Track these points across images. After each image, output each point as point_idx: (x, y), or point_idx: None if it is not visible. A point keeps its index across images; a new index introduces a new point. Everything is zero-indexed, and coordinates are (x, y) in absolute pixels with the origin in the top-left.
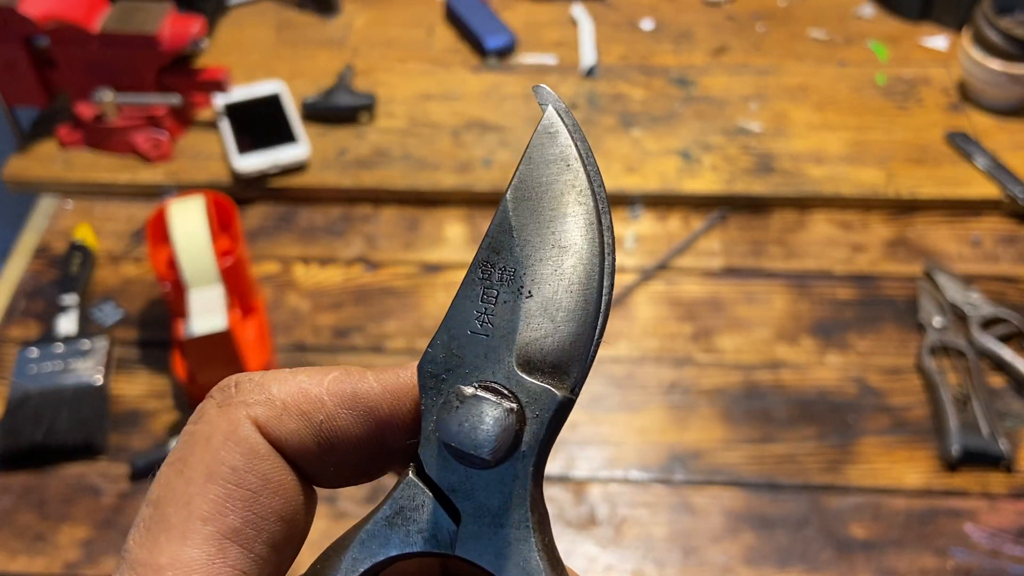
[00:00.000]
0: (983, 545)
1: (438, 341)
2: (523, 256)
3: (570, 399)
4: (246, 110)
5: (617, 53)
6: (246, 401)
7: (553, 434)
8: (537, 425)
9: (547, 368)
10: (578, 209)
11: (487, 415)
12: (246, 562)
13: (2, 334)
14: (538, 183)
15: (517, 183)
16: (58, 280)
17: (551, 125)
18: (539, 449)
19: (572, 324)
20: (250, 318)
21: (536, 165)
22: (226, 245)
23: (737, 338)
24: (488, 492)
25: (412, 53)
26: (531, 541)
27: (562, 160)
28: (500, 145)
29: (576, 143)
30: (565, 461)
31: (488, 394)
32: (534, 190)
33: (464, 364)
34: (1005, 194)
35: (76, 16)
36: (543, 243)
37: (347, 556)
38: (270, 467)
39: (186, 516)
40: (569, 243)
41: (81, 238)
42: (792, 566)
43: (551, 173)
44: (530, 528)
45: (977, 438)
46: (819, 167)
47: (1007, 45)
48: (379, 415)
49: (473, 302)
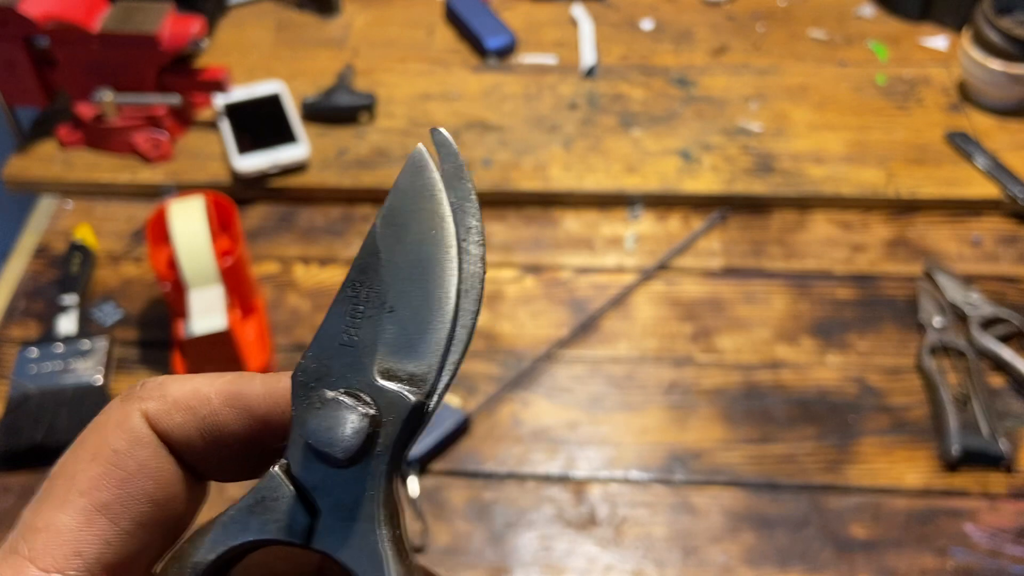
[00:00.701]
0: (983, 545)
1: (310, 353)
2: (387, 276)
3: (423, 403)
4: (246, 110)
5: (617, 53)
6: (142, 396)
7: (407, 437)
8: (392, 428)
9: (405, 376)
10: (439, 234)
11: (343, 418)
12: (111, 534)
13: (2, 334)
14: (404, 210)
15: (386, 211)
16: (58, 280)
17: (420, 159)
18: (393, 450)
19: (428, 337)
20: (250, 318)
21: (403, 194)
22: (226, 245)
23: (737, 338)
24: (344, 489)
25: (412, 53)
26: (380, 534)
27: (426, 190)
28: (500, 145)
29: (446, 176)
30: (565, 461)
31: (347, 399)
32: (400, 216)
33: (331, 373)
34: (1005, 194)
35: (76, 16)
36: (405, 264)
37: (208, 538)
38: (150, 454)
39: (67, 488)
40: (428, 264)
41: (81, 238)
42: (792, 566)
43: (416, 202)
44: (380, 523)
45: (977, 438)
46: (819, 167)
47: (1007, 45)
48: (258, 414)
49: (342, 318)
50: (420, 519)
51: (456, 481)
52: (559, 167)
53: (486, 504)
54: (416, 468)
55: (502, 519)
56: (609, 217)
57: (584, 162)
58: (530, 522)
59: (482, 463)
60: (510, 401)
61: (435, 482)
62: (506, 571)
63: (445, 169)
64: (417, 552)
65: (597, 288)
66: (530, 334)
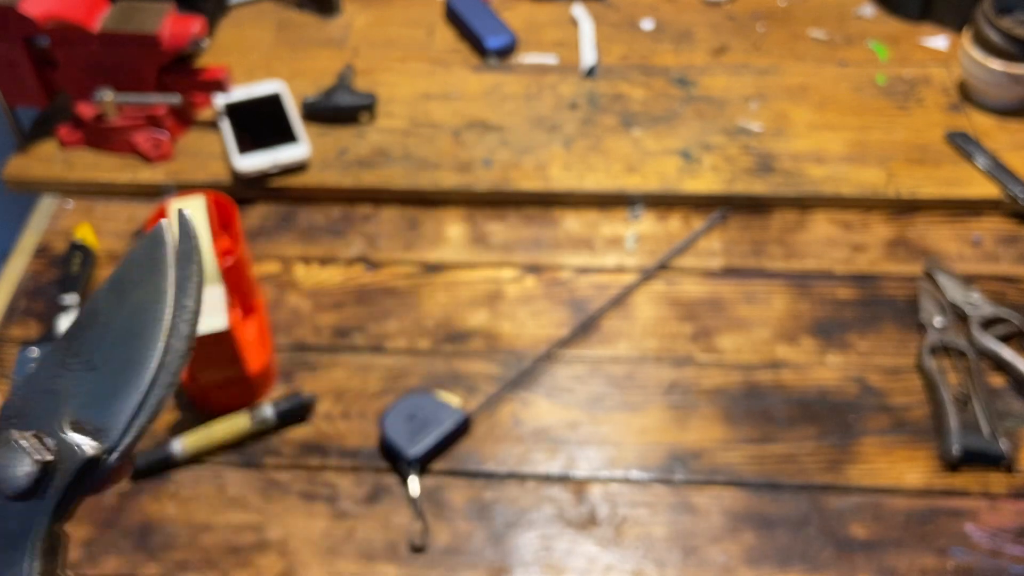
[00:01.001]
0: (983, 545)
1: (17, 392)
2: (100, 336)
3: (98, 458)
4: (246, 110)
5: (617, 53)
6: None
7: (80, 483)
8: (65, 475)
9: (91, 430)
10: (155, 309)
11: (18, 459)
12: None
13: (2, 334)
14: (131, 280)
15: (115, 276)
16: (59, 279)
17: (159, 235)
18: (64, 493)
19: (121, 399)
20: (251, 318)
21: (134, 264)
22: (226, 245)
23: (737, 338)
24: (13, 519)
25: (412, 53)
26: (31, 564)
27: (156, 265)
28: (501, 145)
29: (179, 256)
30: (565, 461)
31: (28, 442)
32: (126, 284)
33: (29, 414)
34: (1005, 194)
35: (76, 16)
36: (119, 329)
37: None
38: None
39: None
40: (138, 334)
41: (81, 237)
42: (792, 566)
43: (144, 274)
44: (35, 555)
45: (977, 438)
46: (819, 167)
47: (1007, 45)
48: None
49: (53, 366)
50: (420, 519)
51: (456, 481)
52: (559, 167)
53: (486, 504)
54: (416, 468)
55: (502, 519)
56: (609, 217)
57: (584, 162)
58: (530, 522)
59: (482, 463)
60: (510, 401)
61: (435, 482)
62: (506, 571)
63: (181, 249)
64: (418, 552)
65: (597, 288)
66: (530, 334)
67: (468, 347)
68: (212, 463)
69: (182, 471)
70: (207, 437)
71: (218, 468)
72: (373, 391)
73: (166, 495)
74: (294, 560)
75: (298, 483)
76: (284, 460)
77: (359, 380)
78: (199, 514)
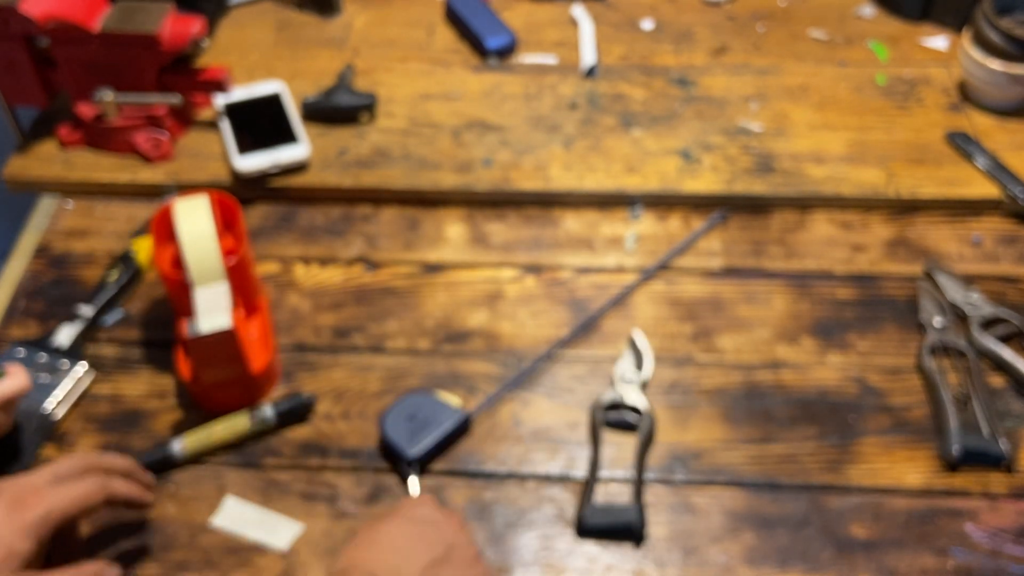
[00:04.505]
0: (983, 545)
1: None
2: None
3: None
4: (246, 110)
5: (617, 53)
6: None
7: None
8: None
9: None
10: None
11: None
12: None
13: (2, 334)
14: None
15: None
16: (93, 286)
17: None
18: None
19: None
20: (254, 317)
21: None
22: (230, 244)
23: (737, 338)
24: None
25: (412, 53)
26: None
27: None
28: (501, 145)
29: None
30: (565, 461)
31: None
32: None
33: None
34: (1005, 194)
35: (76, 16)
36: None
37: None
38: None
39: None
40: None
41: (136, 251)
42: (792, 566)
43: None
44: None
45: (977, 438)
46: (819, 167)
47: (1007, 45)
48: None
49: None
50: None
51: (456, 481)
52: (559, 167)
53: (486, 504)
54: (416, 468)
55: (502, 519)
56: (609, 217)
57: (584, 162)
58: (530, 522)
59: (482, 463)
60: (510, 401)
61: (435, 482)
62: (506, 571)
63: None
64: None
65: (597, 288)
66: (530, 334)
67: (468, 347)
68: (212, 463)
69: (182, 471)
70: (207, 437)
71: (218, 468)
72: (373, 391)
73: (166, 495)
74: (294, 560)
75: (298, 483)
76: (284, 460)
77: (359, 380)
78: (199, 514)
